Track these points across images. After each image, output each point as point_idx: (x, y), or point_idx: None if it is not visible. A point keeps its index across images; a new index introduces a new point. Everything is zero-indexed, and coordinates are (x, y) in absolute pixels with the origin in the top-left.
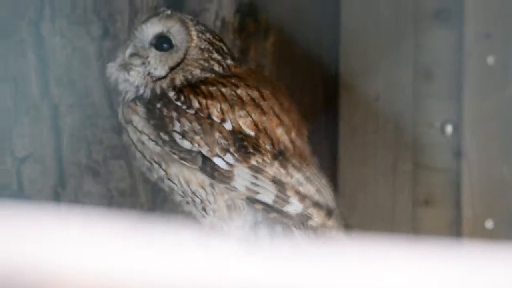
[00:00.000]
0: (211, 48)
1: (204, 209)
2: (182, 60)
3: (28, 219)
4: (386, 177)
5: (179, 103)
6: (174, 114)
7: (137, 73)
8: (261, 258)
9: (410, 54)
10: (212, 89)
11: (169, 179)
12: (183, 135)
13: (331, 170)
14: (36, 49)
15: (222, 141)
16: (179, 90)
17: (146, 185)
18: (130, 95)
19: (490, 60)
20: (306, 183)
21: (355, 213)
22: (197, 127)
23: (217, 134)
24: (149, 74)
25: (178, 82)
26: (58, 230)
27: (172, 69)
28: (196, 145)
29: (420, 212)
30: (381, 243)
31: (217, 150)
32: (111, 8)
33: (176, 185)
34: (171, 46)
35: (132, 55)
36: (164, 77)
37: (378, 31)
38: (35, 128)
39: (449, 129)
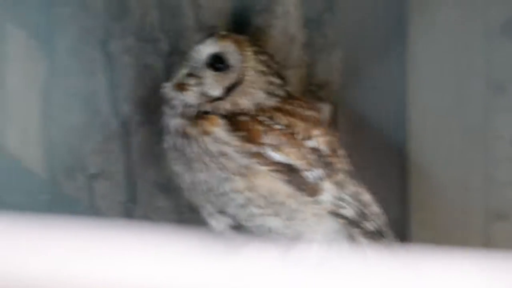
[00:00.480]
0: (268, 70)
1: (289, 218)
2: (239, 81)
3: (99, 234)
4: (458, 191)
5: (264, 118)
6: (261, 128)
7: (193, 93)
8: (336, 270)
9: (479, 67)
10: (291, 108)
11: (250, 191)
12: (274, 147)
13: (401, 184)
14: (105, 67)
15: (310, 156)
16: (259, 108)
17: None
18: (193, 110)
19: None
20: (372, 203)
21: (426, 229)
22: (285, 141)
23: (304, 150)
24: (204, 94)
25: (243, 106)
26: (129, 246)
27: (228, 90)
28: (287, 158)
29: (493, 227)
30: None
31: (306, 164)
32: (178, 25)
33: (259, 196)
34: (226, 66)
35: (188, 75)
36: (222, 99)
37: (447, 44)
38: (105, 145)
39: None
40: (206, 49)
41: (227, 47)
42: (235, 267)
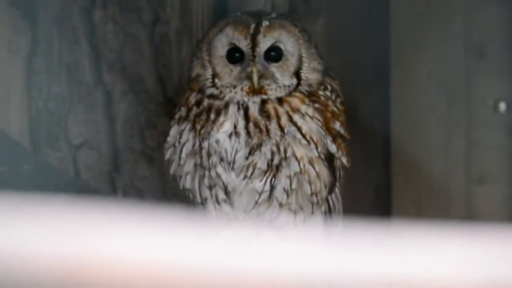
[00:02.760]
0: (313, 46)
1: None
2: (301, 63)
3: (83, 209)
4: (440, 155)
5: (329, 94)
6: (332, 105)
7: (273, 91)
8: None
9: (461, 30)
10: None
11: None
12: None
13: (383, 149)
14: (89, 36)
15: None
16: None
17: None
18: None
19: None
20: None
21: (408, 191)
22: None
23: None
24: (280, 86)
25: (315, 83)
26: (113, 223)
27: (297, 74)
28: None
29: (474, 190)
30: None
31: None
32: None
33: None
34: (283, 54)
35: (260, 77)
36: (299, 84)
37: (428, 7)
38: (89, 115)
39: (502, 106)
40: (262, 44)
41: (279, 36)
42: (221, 246)
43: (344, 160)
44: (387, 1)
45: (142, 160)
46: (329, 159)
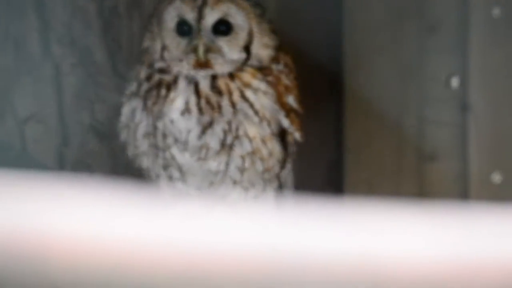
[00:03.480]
0: (265, 21)
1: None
2: (251, 38)
3: (31, 183)
4: (391, 131)
5: (281, 68)
6: (286, 80)
7: (219, 65)
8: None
9: (413, 6)
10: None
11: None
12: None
13: (335, 125)
14: (37, 7)
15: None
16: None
17: None
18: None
19: (496, 11)
20: None
21: (360, 168)
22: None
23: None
24: (227, 61)
25: (265, 58)
26: (62, 197)
27: (246, 49)
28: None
29: (426, 167)
30: (383, 204)
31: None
32: None
33: (262, 159)
34: (232, 28)
35: (208, 51)
36: (247, 59)
37: None
38: (37, 88)
39: (455, 82)
40: (209, 17)
41: (228, 9)
42: (174, 222)
43: (297, 135)
44: None
45: (91, 135)
46: (282, 134)
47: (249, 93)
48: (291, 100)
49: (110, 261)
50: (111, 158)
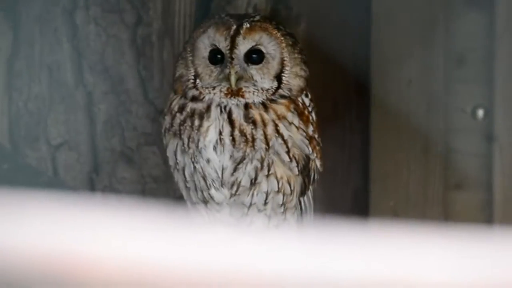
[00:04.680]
0: (298, 51)
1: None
2: (282, 66)
3: (63, 206)
4: (418, 161)
5: (307, 101)
6: (309, 113)
7: (251, 94)
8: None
9: (441, 39)
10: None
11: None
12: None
13: (363, 155)
14: (71, 37)
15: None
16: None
17: None
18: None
19: None
20: None
21: (386, 197)
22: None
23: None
24: (259, 89)
25: (296, 89)
26: (92, 218)
27: (278, 77)
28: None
29: (452, 197)
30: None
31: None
32: None
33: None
34: (264, 57)
35: (240, 79)
36: (279, 87)
37: (409, 16)
38: (69, 115)
39: (480, 113)
40: (241, 46)
41: (260, 38)
42: (201, 246)
43: (318, 163)
44: (368, 8)
45: (122, 161)
46: (305, 161)
47: (282, 127)
48: (310, 131)
49: (137, 283)
50: (140, 185)
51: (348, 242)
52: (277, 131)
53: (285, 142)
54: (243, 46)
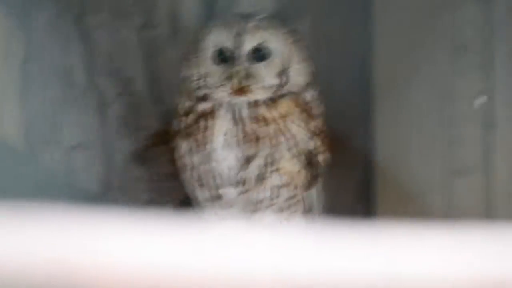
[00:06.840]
0: (301, 48)
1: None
2: (287, 64)
3: (75, 215)
4: (421, 149)
5: (311, 98)
6: (314, 110)
7: (256, 91)
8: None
9: (443, 28)
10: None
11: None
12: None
13: (365, 146)
14: (82, 40)
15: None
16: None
17: None
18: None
19: None
20: None
21: (389, 185)
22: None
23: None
24: (264, 87)
25: (301, 84)
26: (102, 227)
27: (282, 75)
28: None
29: (453, 183)
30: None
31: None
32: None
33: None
34: (269, 54)
35: (245, 77)
36: (283, 84)
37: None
38: (82, 117)
39: (481, 100)
40: (247, 44)
41: (265, 36)
42: (213, 245)
43: (325, 156)
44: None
45: (134, 161)
46: (308, 156)
47: (289, 123)
48: (313, 126)
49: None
50: (153, 183)
51: (352, 236)
52: (284, 127)
53: (292, 137)
54: (248, 44)
